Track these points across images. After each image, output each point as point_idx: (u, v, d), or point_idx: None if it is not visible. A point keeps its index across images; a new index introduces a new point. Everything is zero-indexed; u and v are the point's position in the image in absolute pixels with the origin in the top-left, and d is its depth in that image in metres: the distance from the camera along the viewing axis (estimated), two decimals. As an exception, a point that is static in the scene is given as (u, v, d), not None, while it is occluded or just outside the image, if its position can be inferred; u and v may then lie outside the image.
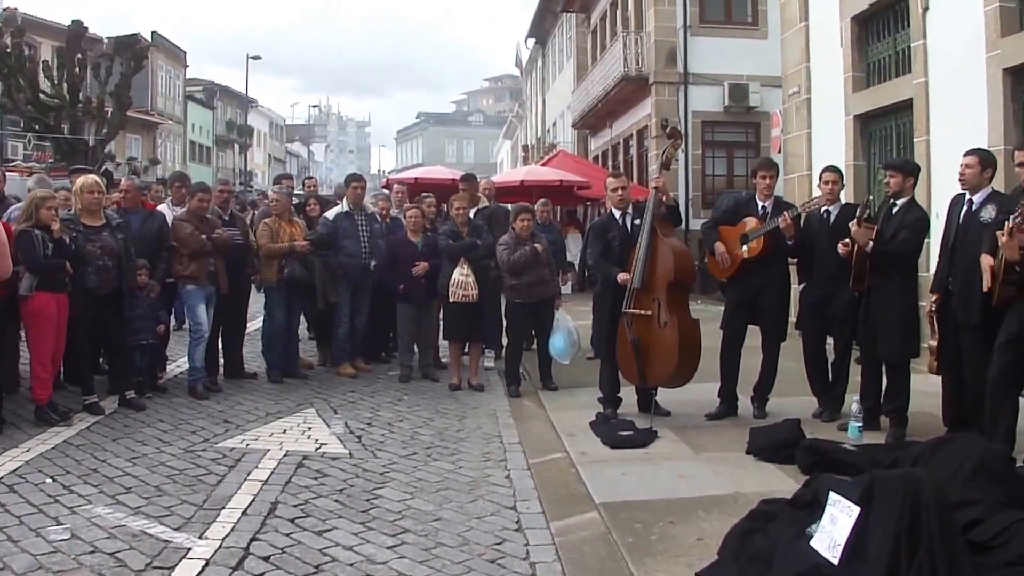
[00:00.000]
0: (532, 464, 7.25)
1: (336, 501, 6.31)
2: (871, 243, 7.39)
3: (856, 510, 4.47)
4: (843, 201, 8.63)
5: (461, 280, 10.17)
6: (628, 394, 8.72)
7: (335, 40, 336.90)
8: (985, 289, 6.36)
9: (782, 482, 6.32)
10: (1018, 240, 5.99)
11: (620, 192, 8.63)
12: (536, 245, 10.08)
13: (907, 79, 11.53)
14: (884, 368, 7.67)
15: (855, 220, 7.42)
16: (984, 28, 9.84)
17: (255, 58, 57.40)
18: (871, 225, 7.49)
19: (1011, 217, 6.05)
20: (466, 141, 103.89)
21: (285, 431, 8.31)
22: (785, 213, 8.05)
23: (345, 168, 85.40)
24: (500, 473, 7.04)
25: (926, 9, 10.99)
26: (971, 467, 5.15)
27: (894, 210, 7.54)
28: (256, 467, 7.06)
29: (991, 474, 5.13)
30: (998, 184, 8.51)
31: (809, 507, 4.92)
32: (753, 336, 8.59)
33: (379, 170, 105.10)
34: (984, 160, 7.00)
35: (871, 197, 7.78)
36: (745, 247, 8.25)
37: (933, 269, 7.68)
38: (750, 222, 8.33)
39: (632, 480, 6.54)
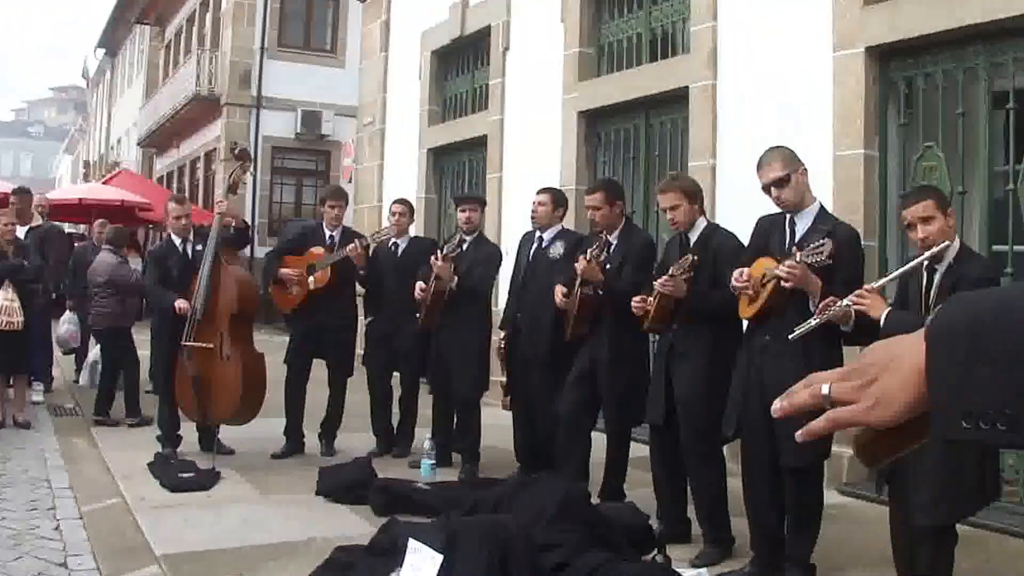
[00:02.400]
0: (85, 512, 6.10)
1: None
2: (456, 279, 6.97)
3: (439, 558, 4.14)
4: (412, 234, 8.23)
5: (4, 305, 8.61)
6: (189, 431, 7.71)
7: None
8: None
9: (356, 525, 5.67)
10: (593, 276, 5.77)
11: (183, 220, 7.70)
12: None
13: (483, 116, 11.31)
14: (455, 404, 7.28)
15: (439, 255, 6.88)
16: (562, 71, 9.76)
17: None
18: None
19: (588, 251, 5.83)
20: (24, 153, 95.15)
21: None
22: (356, 241, 7.50)
23: None
24: (49, 524, 5.85)
25: (507, 49, 10.78)
26: (554, 509, 4.80)
27: (465, 245, 7.15)
28: None
29: (574, 515, 4.82)
30: (569, 223, 8.28)
31: (387, 554, 4.42)
32: (320, 369, 7.89)
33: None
34: (556, 199, 6.84)
35: (459, 234, 7.25)
36: (312, 278, 7.55)
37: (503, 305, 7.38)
38: (317, 252, 7.66)
39: (196, 527, 5.65)
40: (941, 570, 4.03)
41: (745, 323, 4.88)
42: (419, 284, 7.08)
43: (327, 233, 7.79)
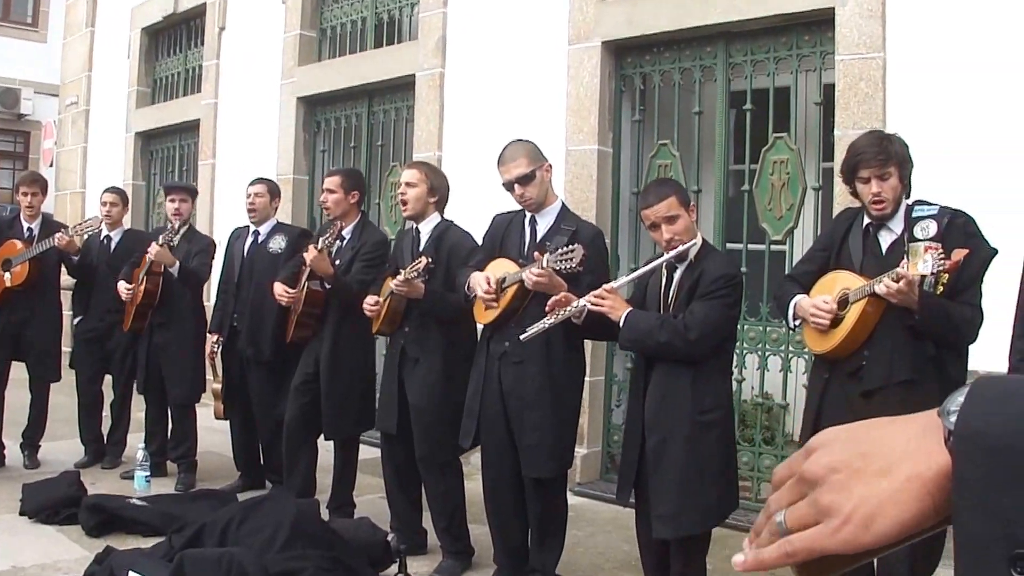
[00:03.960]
0: None
1: None
2: (177, 263, 6.07)
3: (163, 593, 3.71)
4: (126, 226, 7.11)
5: None
6: None
7: None
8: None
9: (68, 550, 4.85)
10: (321, 267, 5.04)
11: None
12: None
13: (196, 99, 10.07)
14: (170, 410, 6.42)
15: (159, 246, 5.93)
16: (282, 55, 8.78)
17: None
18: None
19: (320, 239, 5.14)
20: None
21: None
22: (67, 229, 6.39)
23: None
24: None
25: (223, 29, 9.62)
26: (287, 531, 4.27)
27: (177, 236, 6.27)
28: None
29: (308, 536, 4.32)
30: (284, 214, 7.65)
31: (106, 588, 3.95)
32: (21, 371, 6.73)
33: None
34: (272, 190, 6.13)
35: (174, 225, 6.28)
36: (8, 274, 6.40)
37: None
38: (13, 246, 6.46)
39: None
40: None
41: (481, 327, 4.34)
42: (122, 284, 6.17)
43: (25, 224, 6.61)
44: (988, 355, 3.83)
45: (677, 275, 3.67)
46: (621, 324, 3.59)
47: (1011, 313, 3.38)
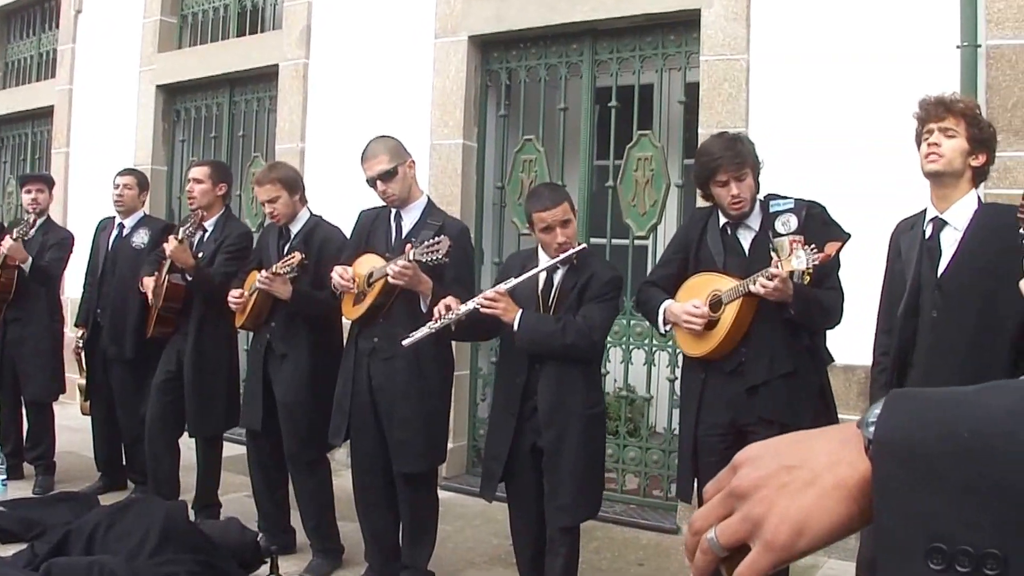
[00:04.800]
0: None
1: None
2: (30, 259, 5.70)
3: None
4: None
5: None
6: None
7: None
8: None
9: None
10: (182, 258, 4.78)
11: None
12: None
13: (50, 84, 9.52)
14: (25, 409, 6.05)
15: (13, 240, 5.55)
16: (141, 41, 8.36)
17: None
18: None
19: (180, 229, 4.91)
20: None
21: None
22: None
23: None
24: None
25: (79, 12, 9.14)
26: (156, 536, 4.12)
27: (34, 229, 5.89)
28: None
29: (178, 540, 4.18)
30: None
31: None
32: None
33: None
34: (140, 181, 5.84)
35: (30, 217, 5.87)
36: None
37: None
38: None
39: None
40: (574, 567, 3.70)
41: (349, 323, 4.20)
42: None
43: None
44: (844, 348, 3.84)
45: (558, 277, 3.63)
46: (516, 326, 3.52)
47: (861, 307, 3.39)
